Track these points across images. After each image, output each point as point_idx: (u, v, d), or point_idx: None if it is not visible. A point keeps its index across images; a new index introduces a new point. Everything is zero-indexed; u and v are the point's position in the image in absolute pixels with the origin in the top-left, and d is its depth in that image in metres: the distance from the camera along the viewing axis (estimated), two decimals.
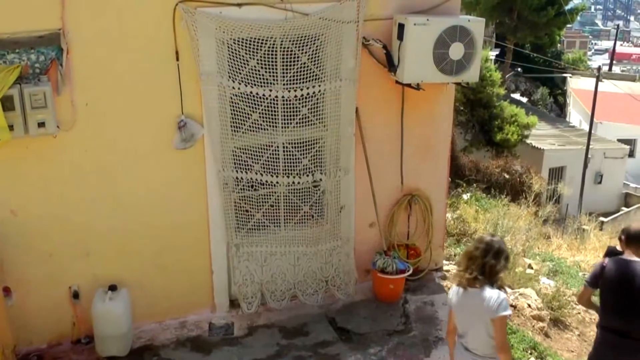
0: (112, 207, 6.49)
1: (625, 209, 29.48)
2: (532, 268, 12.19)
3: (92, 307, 6.46)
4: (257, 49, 6.48)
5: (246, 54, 6.46)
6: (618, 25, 79.65)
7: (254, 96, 6.61)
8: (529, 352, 8.52)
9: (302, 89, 6.72)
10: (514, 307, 9.51)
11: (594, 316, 10.51)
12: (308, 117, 6.87)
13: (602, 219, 24.32)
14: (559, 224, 19.94)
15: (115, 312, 6.44)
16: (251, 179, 6.89)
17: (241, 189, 6.93)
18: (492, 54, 35.82)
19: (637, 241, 6.14)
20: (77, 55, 5.96)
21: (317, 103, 6.88)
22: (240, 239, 7.04)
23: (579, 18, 54.78)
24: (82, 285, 6.56)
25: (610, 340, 6.18)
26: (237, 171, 6.81)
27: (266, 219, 7.12)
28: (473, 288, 5.11)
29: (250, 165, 6.85)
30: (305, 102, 6.81)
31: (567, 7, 40.07)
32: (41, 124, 5.82)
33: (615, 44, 65.78)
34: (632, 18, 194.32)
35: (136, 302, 6.71)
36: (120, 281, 6.59)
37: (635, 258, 6.05)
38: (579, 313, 10.85)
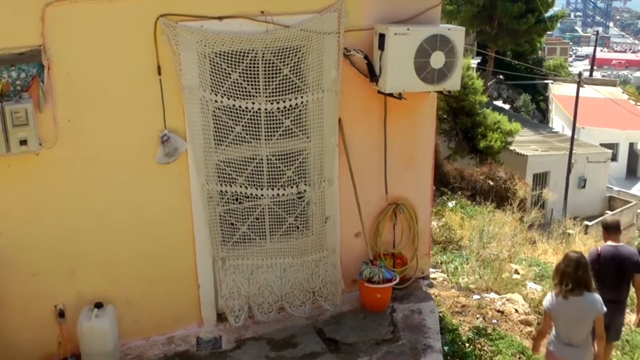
0: (96, 224, 6.45)
1: (609, 212, 29.61)
2: (518, 273, 12.26)
3: (78, 325, 6.41)
4: (239, 62, 6.48)
5: (228, 67, 6.47)
6: (597, 32, 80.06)
7: (236, 109, 6.61)
8: (518, 356, 8.54)
9: (284, 101, 6.72)
10: (501, 312, 9.55)
11: None
12: (291, 128, 6.88)
13: (586, 222, 24.42)
14: (544, 229, 20.04)
15: (102, 330, 6.39)
16: (235, 192, 6.89)
17: (226, 202, 6.92)
18: (474, 62, 36.10)
19: (613, 229, 8.37)
20: (58, 71, 5.93)
21: (300, 114, 6.89)
22: (226, 252, 7.03)
23: (559, 25, 55.19)
24: (67, 303, 6.49)
25: (616, 309, 7.88)
26: (221, 184, 6.81)
27: (251, 232, 7.11)
28: (573, 297, 6.58)
29: (235, 178, 6.84)
30: (288, 113, 6.81)
31: (547, 15, 40.38)
32: (23, 142, 5.77)
33: (595, 50, 66.26)
34: (611, 24, 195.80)
35: (122, 318, 6.66)
36: (106, 298, 6.55)
37: (617, 243, 8.21)
38: None
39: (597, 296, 6.71)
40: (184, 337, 7.06)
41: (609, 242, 8.31)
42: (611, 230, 8.39)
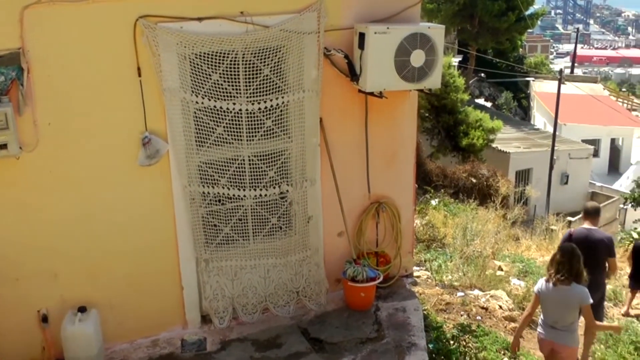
0: (79, 228, 6.42)
1: None
2: (502, 270, 12.31)
3: (61, 330, 6.37)
4: (219, 63, 6.47)
5: (208, 68, 6.45)
6: (578, 29, 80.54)
7: (217, 110, 6.60)
8: (502, 352, 8.58)
9: (265, 102, 6.72)
10: (485, 309, 9.59)
11: None
12: (272, 129, 6.88)
13: (569, 218, 24.55)
14: (527, 226, 20.14)
15: (86, 334, 6.36)
16: (218, 193, 6.87)
17: (208, 203, 6.91)
18: (455, 60, 36.17)
19: (590, 214, 9.05)
20: (38, 74, 5.89)
21: (281, 115, 6.90)
22: (210, 253, 7.02)
23: (539, 23, 55.34)
24: (50, 308, 6.47)
25: None
26: (203, 186, 6.79)
27: (235, 233, 7.10)
28: (562, 285, 7.13)
29: (217, 180, 6.83)
30: (269, 114, 6.81)
31: (528, 13, 40.53)
32: (3, 146, 5.74)
33: (576, 47, 66.70)
34: (591, 21, 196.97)
35: (106, 322, 6.64)
36: (90, 302, 6.52)
37: (592, 227, 8.85)
38: None
39: (584, 288, 7.17)
40: (168, 340, 7.04)
41: (584, 225, 9.00)
42: (588, 214, 9.08)
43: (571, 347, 7.43)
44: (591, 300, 7.17)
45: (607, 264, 8.81)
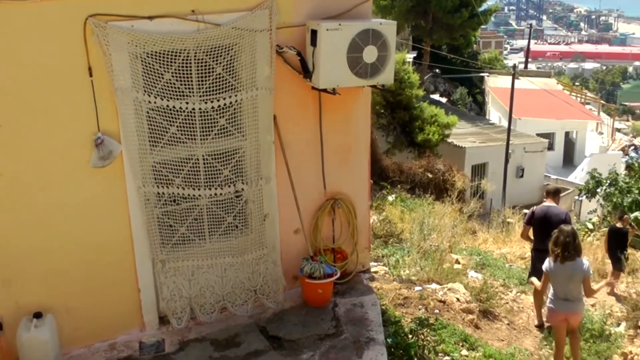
0: (32, 232, 6.32)
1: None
2: (459, 263, 12.43)
3: (17, 336, 6.29)
4: (172, 62, 6.43)
5: (160, 67, 6.41)
6: (531, 25, 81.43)
7: (170, 109, 6.56)
8: (460, 344, 8.65)
9: (218, 100, 6.69)
10: (443, 302, 9.66)
11: (522, 304, 10.91)
12: (226, 127, 6.85)
13: (525, 211, 24.77)
14: (483, 219, 20.35)
15: (42, 340, 6.29)
16: (173, 193, 6.83)
17: (163, 204, 6.86)
18: (410, 56, 36.34)
19: (550, 194, 10.90)
20: None
21: (235, 113, 6.87)
22: (166, 254, 6.98)
23: (493, 19, 55.99)
24: (5, 315, 6.36)
25: (541, 257, 9.43)
26: (158, 186, 6.74)
27: (191, 233, 7.07)
28: (569, 262, 8.40)
29: (171, 180, 6.79)
30: (223, 112, 6.78)
31: (481, 9, 40.93)
32: None
33: (529, 42, 67.40)
34: (544, 17, 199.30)
35: (63, 327, 6.56)
36: (45, 307, 6.43)
37: (552, 204, 10.61)
38: (507, 303, 11.10)
39: (586, 261, 8.69)
40: (126, 343, 6.98)
41: (545, 203, 10.79)
42: (548, 193, 11.00)
43: (581, 313, 9.05)
44: (590, 272, 8.72)
45: None
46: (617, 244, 13.45)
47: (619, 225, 13.94)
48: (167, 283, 7.03)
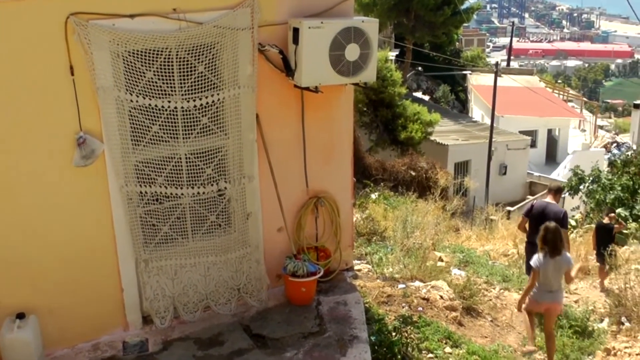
0: (14, 232, 6.29)
1: (530, 197, 30.29)
2: (442, 261, 12.44)
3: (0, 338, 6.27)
4: (153, 61, 6.41)
5: (142, 65, 6.39)
6: (513, 23, 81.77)
7: (152, 108, 6.54)
8: (444, 342, 8.67)
9: (201, 99, 6.68)
10: (426, 299, 9.68)
11: (505, 301, 10.95)
12: (209, 126, 6.85)
13: (508, 208, 24.98)
14: (466, 216, 20.41)
15: (25, 341, 6.26)
16: (155, 192, 6.82)
17: (146, 203, 6.84)
18: (392, 54, 36.41)
19: (552, 191, 11.42)
20: None
21: (217, 111, 6.86)
22: (149, 253, 6.96)
23: (475, 17, 56.18)
24: None
25: (534, 250, 9.57)
26: (140, 185, 6.73)
27: (173, 232, 7.05)
28: (557, 256, 8.92)
29: (154, 179, 6.77)
30: (205, 111, 6.78)
31: (463, 7, 41.04)
32: None
33: (511, 40, 67.74)
34: (526, 15, 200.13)
35: (46, 328, 6.53)
36: (28, 308, 6.40)
37: (551, 201, 11.10)
38: (490, 300, 11.14)
39: (569, 254, 9.32)
40: (109, 343, 6.96)
41: (546, 199, 11.35)
42: (550, 190, 11.59)
43: (561, 302, 9.54)
44: (573, 263, 9.26)
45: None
46: (603, 240, 13.58)
47: (605, 221, 14.11)
48: (150, 282, 7.01)
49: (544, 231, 9.12)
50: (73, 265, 6.63)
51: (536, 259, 9.10)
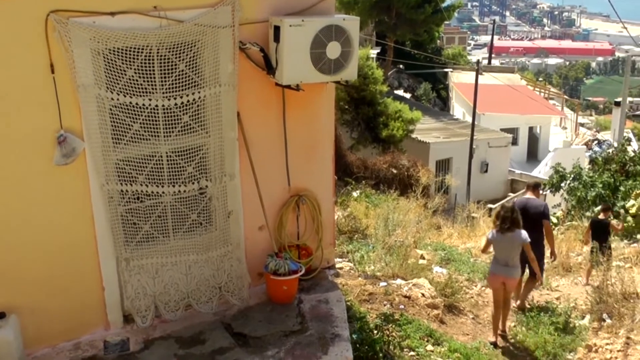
0: None
1: (511, 195, 30.45)
2: (424, 258, 12.50)
3: None
4: (134, 58, 6.38)
5: (123, 63, 6.35)
6: (494, 21, 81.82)
7: (133, 106, 6.50)
8: (426, 339, 8.71)
9: (181, 97, 6.66)
10: (408, 297, 9.72)
11: (487, 299, 11.05)
12: (190, 124, 6.82)
13: (489, 205, 25.05)
14: (448, 214, 20.49)
15: (5, 341, 6.20)
16: (136, 190, 6.79)
17: (127, 201, 6.81)
18: (373, 52, 36.43)
19: (531, 187, 11.97)
20: None
21: (198, 110, 6.84)
22: (130, 252, 6.93)
23: (456, 15, 56.25)
24: None
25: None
26: (121, 184, 6.70)
27: (155, 230, 7.03)
28: (508, 232, 9.77)
29: (135, 177, 6.74)
30: (186, 109, 6.75)
31: (444, 5, 41.16)
32: None
33: (492, 38, 67.81)
34: (507, 13, 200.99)
35: (27, 327, 6.48)
36: (9, 308, 6.35)
37: (531, 197, 11.67)
38: (472, 297, 11.19)
39: (524, 231, 9.90)
40: (91, 342, 6.92)
41: (526, 195, 11.95)
42: (529, 187, 12.13)
43: (516, 278, 10.32)
44: (528, 240, 9.89)
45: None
46: (598, 235, 13.73)
47: (601, 216, 14.35)
48: (131, 281, 6.99)
49: (499, 209, 10.24)
50: (54, 264, 6.58)
51: (490, 232, 10.23)
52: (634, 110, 64.01)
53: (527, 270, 11.56)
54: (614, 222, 14.59)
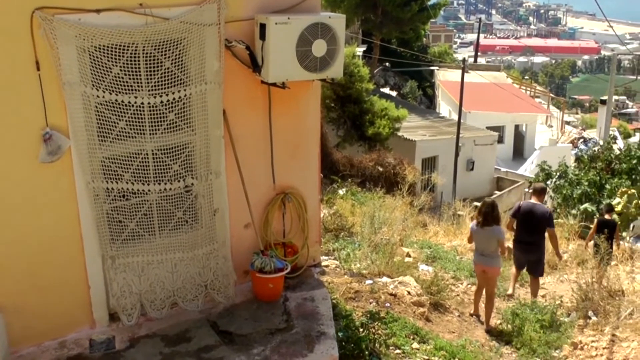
0: None
1: (497, 193, 30.55)
2: (410, 256, 12.51)
3: None
4: (120, 56, 6.36)
5: (109, 61, 6.34)
6: (480, 19, 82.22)
7: (119, 104, 6.48)
8: (412, 337, 8.72)
9: (167, 94, 6.64)
10: (394, 295, 9.72)
11: (472, 297, 11.01)
12: (175, 122, 6.81)
13: (475, 203, 24.96)
14: (434, 212, 20.51)
15: None
16: (122, 188, 6.77)
17: (113, 199, 6.79)
18: (359, 50, 36.44)
19: (536, 192, 12.41)
20: None
21: (184, 107, 6.83)
22: (115, 250, 6.91)
23: (442, 13, 56.44)
24: None
25: (522, 248, 12.25)
26: (107, 182, 6.68)
27: (140, 228, 7.01)
28: (486, 227, 10.48)
29: (120, 175, 6.72)
30: (172, 107, 6.74)
31: (430, 3, 41.28)
32: None
33: (478, 36, 68.08)
34: (493, 12, 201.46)
35: (11, 326, 6.45)
36: None
37: (536, 202, 12.11)
38: (458, 295, 11.22)
39: (500, 227, 10.69)
40: (76, 341, 6.90)
41: (531, 200, 12.36)
42: (535, 191, 12.54)
43: (494, 267, 10.77)
44: (503, 237, 10.74)
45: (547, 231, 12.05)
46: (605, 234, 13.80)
47: (607, 217, 14.73)
48: (117, 279, 6.97)
49: (481, 205, 10.87)
50: (39, 262, 6.56)
51: (472, 224, 10.99)
52: (620, 108, 64.34)
53: (525, 271, 12.55)
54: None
